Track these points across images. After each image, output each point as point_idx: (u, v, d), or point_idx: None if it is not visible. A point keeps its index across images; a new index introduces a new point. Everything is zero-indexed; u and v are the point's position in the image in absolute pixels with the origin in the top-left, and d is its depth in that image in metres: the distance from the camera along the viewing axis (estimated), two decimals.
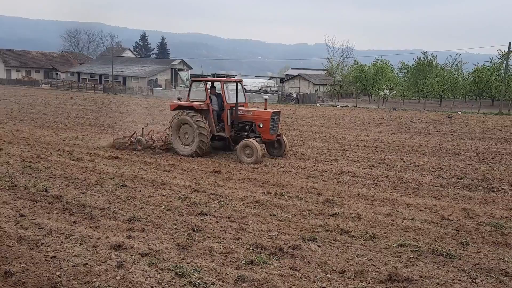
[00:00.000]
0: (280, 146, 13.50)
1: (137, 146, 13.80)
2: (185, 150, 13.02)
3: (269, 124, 12.68)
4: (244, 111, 13.12)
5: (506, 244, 6.35)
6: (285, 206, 8.00)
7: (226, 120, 13.09)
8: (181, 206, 7.86)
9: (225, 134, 13.21)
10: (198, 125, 12.58)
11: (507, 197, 9.14)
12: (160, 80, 72.00)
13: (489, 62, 58.03)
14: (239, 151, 12.41)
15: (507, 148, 16.40)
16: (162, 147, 13.73)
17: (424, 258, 5.77)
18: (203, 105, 12.97)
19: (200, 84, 14.54)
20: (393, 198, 8.77)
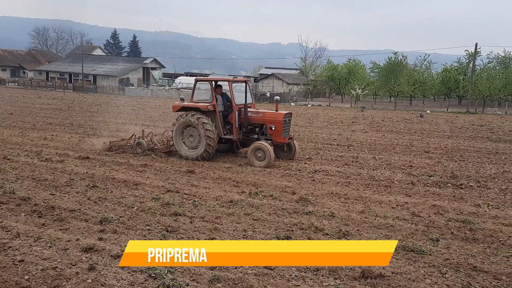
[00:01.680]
0: (290, 149, 12.88)
1: (137, 149, 13.03)
2: (190, 153, 12.32)
3: (281, 127, 12.07)
4: (253, 113, 12.46)
5: (474, 240, 6.53)
6: (260, 205, 8.00)
7: (235, 122, 12.39)
8: (154, 206, 7.75)
9: (233, 137, 12.52)
10: (205, 127, 11.91)
11: (474, 193, 9.41)
12: (132, 79, 70.92)
13: (457, 63, 59.68)
14: (250, 154, 11.82)
15: (474, 146, 16.90)
16: (164, 150, 13.02)
17: (396, 254, 5.86)
18: (209, 106, 12.29)
19: (204, 84, 13.70)
20: (366, 196, 8.90)
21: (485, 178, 10.86)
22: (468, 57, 56.86)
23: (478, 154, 14.82)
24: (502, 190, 9.72)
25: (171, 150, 13.04)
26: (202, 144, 12.07)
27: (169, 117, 26.56)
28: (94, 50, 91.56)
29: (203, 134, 11.95)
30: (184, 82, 66.69)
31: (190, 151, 12.39)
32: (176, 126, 12.47)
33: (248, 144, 12.59)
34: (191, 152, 12.35)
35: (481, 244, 6.35)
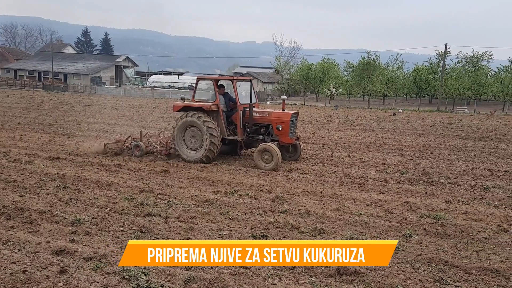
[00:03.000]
0: (296, 150, 12.50)
1: (135, 152, 12.48)
2: (192, 155, 11.83)
3: (289, 127, 11.67)
4: (259, 113, 12.00)
5: (445, 235, 6.68)
6: (235, 205, 7.97)
7: (239, 123, 11.93)
8: (127, 207, 7.62)
9: (237, 138, 12.00)
10: (208, 127, 11.46)
11: (445, 190, 9.63)
12: (104, 78, 69.71)
13: (427, 62, 61.11)
14: (257, 156, 11.35)
15: (444, 143, 17.31)
16: (164, 153, 12.49)
17: None
18: (212, 105, 11.74)
19: (206, 83, 13.19)
20: (341, 194, 8.99)
21: (455, 175, 11.13)
22: (438, 57, 58.40)
23: (448, 151, 15.18)
24: (472, 186, 9.98)
25: (171, 152, 12.50)
26: (205, 145, 11.59)
27: (143, 116, 26.23)
28: (65, 48, 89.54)
29: (206, 135, 11.49)
30: (158, 81, 66.04)
31: (192, 152, 11.92)
32: (177, 126, 11.96)
33: (252, 145, 12.19)
34: (193, 153, 11.87)
35: (452, 240, 6.50)
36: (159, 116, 26.18)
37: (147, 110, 31.41)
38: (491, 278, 5.22)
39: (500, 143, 17.81)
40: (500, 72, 54.27)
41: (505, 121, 29.05)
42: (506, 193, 9.44)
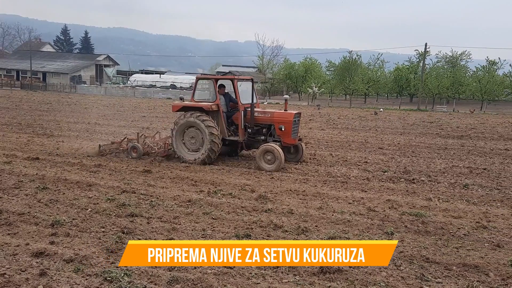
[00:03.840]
0: (297, 151, 12.31)
1: (132, 153, 12.17)
2: (192, 156, 11.62)
3: (291, 127, 11.53)
4: (260, 113, 11.84)
5: (426, 232, 6.77)
6: (219, 204, 7.94)
7: (240, 123, 11.73)
8: (109, 208, 7.51)
9: (239, 139, 11.79)
10: (209, 128, 11.23)
11: (426, 188, 9.77)
12: (84, 77, 68.73)
13: (408, 62, 61.90)
14: (259, 157, 11.17)
15: (425, 142, 17.57)
16: (162, 154, 12.20)
17: None
18: (213, 105, 11.53)
19: (206, 82, 12.82)
20: (324, 192, 9.03)
21: (436, 173, 11.30)
22: (418, 56, 59.19)
23: (428, 150, 15.41)
24: (451, 184, 10.15)
25: (170, 154, 12.25)
26: (205, 146, 11.37)
27: (124, 115, 25.94)
28: (43, 47, 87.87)
29: (207, 136, 11.27)
30: (140, 80, 65.41)
31: (192, 154, 11.69)
32: (177, 127, 11.72)
33: (253, 146, 12.02)
34: (193, 155, 11.65)
35: (432, 236, 6.59)
36: (140, 116, 25.93)
37: (129, 109, 31.08)
38: (471, 274, 5.32)
39: (478, 141, 18.16)
40: (478, 72, 55.33)
41: (483, 120, 29.65)
42: (484, 190, 9.63)
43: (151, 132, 14.96)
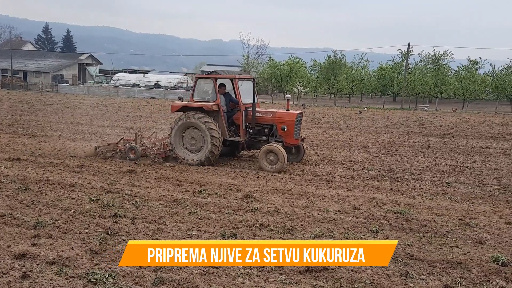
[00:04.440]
0: (299, 151, 12.19)
1: (130, 155, 11.84)
2: (192, 158, 11.39)
3: (294, 127, 11.36)
4: (262, 113, 11.68)
5: (410, 230, 6.84)
6: (204, 204, 7.90)
7: (242, 123, 11.53)
8: (92, 208, 7.41)
9: (240, 139, 11.59)
10: (210, 130, 11.02)
11: (410, 186, 9.88)
12: (67, 76, 67.78)
13: (391, 61, 62.53)
14: (261, 157, 10.99)
15: (408, 140, 17.78)
16: (161, 155, 11.92)
17: None
18: (213, 105, 11.30)
19: (205, 82, 12.51)
20: (309, 191, 9.06)
21: (419, 171, 11.44)
22: (402, 56, 59.80)
23: (412, 148, 15.59)
24: (435, 182, 10.28)
25: (169, 155, 11.94)
26: (206, 147, 11.16)
27: (107, 115, 25.66)
28: (24, 45, 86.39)
29: (208, 136, 11.05)
30: (123, 79, 64.79)
31: (192, 155, 11.47)
32: (176, 128, 11.45)
33: (254, 147, 11.88)
34: (193, 156, 11.44)
35: (416, 234, 6.66)
36: (124, 115, 25.69)
37: (112, 109, 30.74)
38: (454, 270, 5.39)
39: (460, 139, 18.44)
40: (459, 71, 56.25)
41: (465, 119, 30.13)
42: (466, 188, 9.78)
43: (142, 132, 14.78)
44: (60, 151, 12.71)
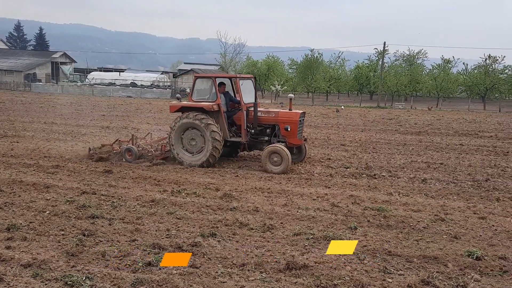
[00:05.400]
0: (300, 151, 12.02)
1: (127, 156, 11.47)
2: (192, 159, 11.13)
3: (297, 127, 11.18)
4: (264, 112, 11.40)
5: (388, 226, 6.94)
6: (183, 204, 7.84)
7: (243, 123, 11.25)
8: (68, 210, 7.26)
9: (241, 140, 11.33)
10: (211, 130, 10.78)
11: (387, 183, 10.02)
12: (40, 74, 66.20)
13: (367, 60, 63.33)
14: (265, 158, 10.74)
15: (385, 138, 18.04)
16: (159, 157, 11.60)
17: (318, 244, 6.05)
18: (214, 105, 11.02)
19: (204, 81, 12.15)
20: (288, 189, 9.09)
21: (395, 168, 11.62)
22: (377, 55, 60.65)
23: (388, 145, 15.82)
24: (411, 178, 10.46)
25: (167, 156, 11.72)
26: (207, 148, 10.91)
27: (82, 114, 25.18)
28: None
29: (209, 139, 10.79)
30: (98, 78, 63.67)
31: (192, 156, 11.20)
32: (175, 128, 11.16)
33: (255, 147, 11.67)
34: (193, 157, 11.16)
35: (394, 230, 6.76)
36: (100, 115, 25.25)
37: (87, 108, 30.18)
38: (431, 265, 5.49)
39: (435, 137, 18.81)
40: (434, 70, 57.47)
41: (439, 116, 30.75)
42: (441, 184, 9.98)
43: (119, 131, 14.55)
44: (33, 152, 12.40)
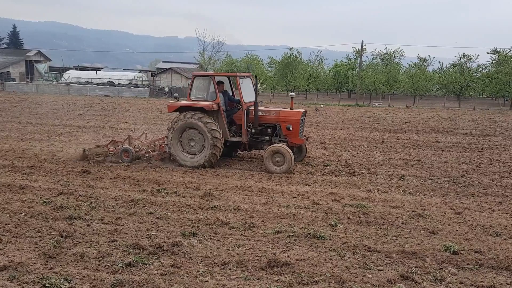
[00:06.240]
0: (301, 151, 11.88)
1: (123, 157, 11.18)
2: (191, 160, 10.88)
3: (299, 126, 11.08)
4: (265, 112, 11.25)
5: (367, 222, 7.03)
6: (163, 203, 7.77)
7: (244, 123, 11.06)
8: (45, 211, 7.11)
9: (242, 139, 11.12)
10: (211, 130, 10.56)
11: (366, 180, 10.14)
12: (13, 73, 64.60)
13: (346, 59, 63.89)
14: (267, 158, 10.59)
15: (363, 136, 18.25)
16: (156, 158, 11.37)
17: (299, 242, 6.09)
18: (214, 105, 10.81)
19: (203, 80, 11.88)
20: (269, 187, 9.11)
21: (374, 165, 11.77)
22: (355, 53, 61.24)
23: (367, 143, 16.02)
24: (389, 175, 10.61)
25: (165, 157, 11.48)
26: (207, 148, 10.69)
27: (58, 114, 24.68)
28: None
29: (209, 138, 10.58)
30: (74, 77, 62.51)
31: (192, 157, 10.95)
32: (174, 129, 10.91)
33: (256, 147, 11.51)
34: (192, 158, 10.93)
35: (373, 226, 6.85)
36: (76, 114, 24.80)
37: (63, 107, 29.59)
38: (409, 260, 5.58)
39: (412, 134, 19.13)
40: (410, 69, 58.38)
41: (416, 114, 31.27)
42: (419, 180, 10.16)
43: (96, 130, 14.31)
44: (8, 152, 12.10)
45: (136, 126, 18.70)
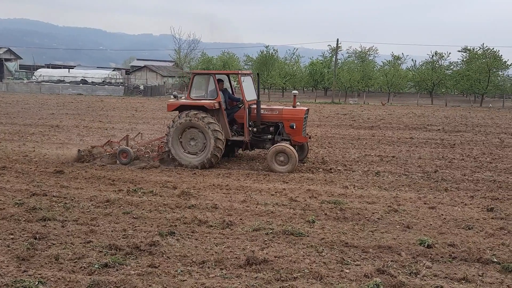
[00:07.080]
0: (302, 150, 11.70)
1: (121, 158, 10.88)
2: (192, 160, 10.66)
3: (302, 125, 10.93)
4: (267, 110, 11.11)
5: (344, 218, 7.11)
6: (139, 203, 7.67)
7: (246, 121, 10.91)
8: (17, 213, 6.93)
9: (244, 138, 10.94)
10: (213, 129, 10.35)
11: (342, 176, 10.26)
12: None
13: (321, 56, 64.42)
14: (270, 158, 10.43)
15: (339, 133, 18.45)
16: (156, 158, 11.08)
17: (277, 239, 6.11)
18: (215, 103, 10.60)
19: (203, 78, 11.67)
20: (247, 185, 9.11)
21: (350, 162, 11.91)
22: (331, 51, 61.83)
23: (343, 140, 16.20)
24: (365, 172, 10.76)
25: (164, 157, 11.17)
26: (208, 149, 10.49)
27: (29, 113, 24.08)
28: None
29: (211, 137, 10.38)
30: (46, 75, 61.10)
31: (192, 157, 10.73)
32: (174, 128, 10.65)
33: (258, 146, 11.33)
34: (194, 158, 10.70)
35: (350, 222, 6.93)
36: (49, 113, 24.25)
37: (35, 106, 28.90)
38: (385, 254, 5.68)
39: (387, 131, 19.45)
40: (384, 66, 59.32)
41: (391, 111, 31.81)
42: (394, 176, 10.34)
43: (64, 129, 14.00)
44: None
45: (110, 125, 18.41)
